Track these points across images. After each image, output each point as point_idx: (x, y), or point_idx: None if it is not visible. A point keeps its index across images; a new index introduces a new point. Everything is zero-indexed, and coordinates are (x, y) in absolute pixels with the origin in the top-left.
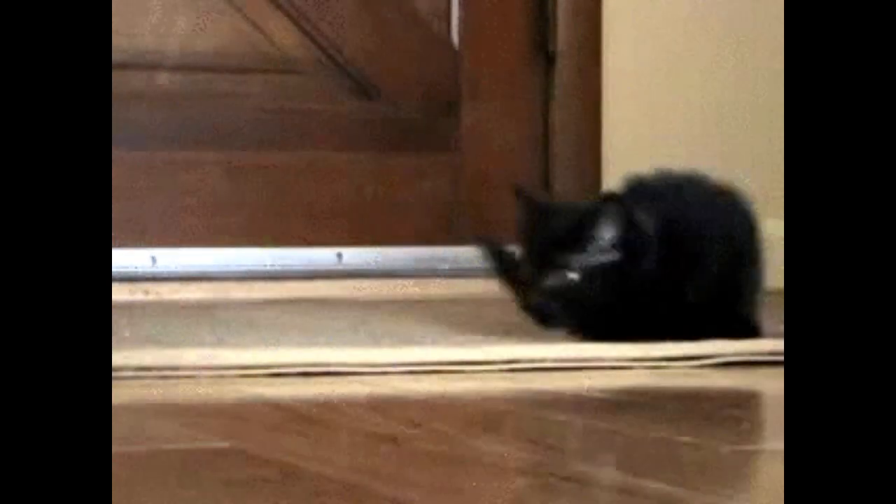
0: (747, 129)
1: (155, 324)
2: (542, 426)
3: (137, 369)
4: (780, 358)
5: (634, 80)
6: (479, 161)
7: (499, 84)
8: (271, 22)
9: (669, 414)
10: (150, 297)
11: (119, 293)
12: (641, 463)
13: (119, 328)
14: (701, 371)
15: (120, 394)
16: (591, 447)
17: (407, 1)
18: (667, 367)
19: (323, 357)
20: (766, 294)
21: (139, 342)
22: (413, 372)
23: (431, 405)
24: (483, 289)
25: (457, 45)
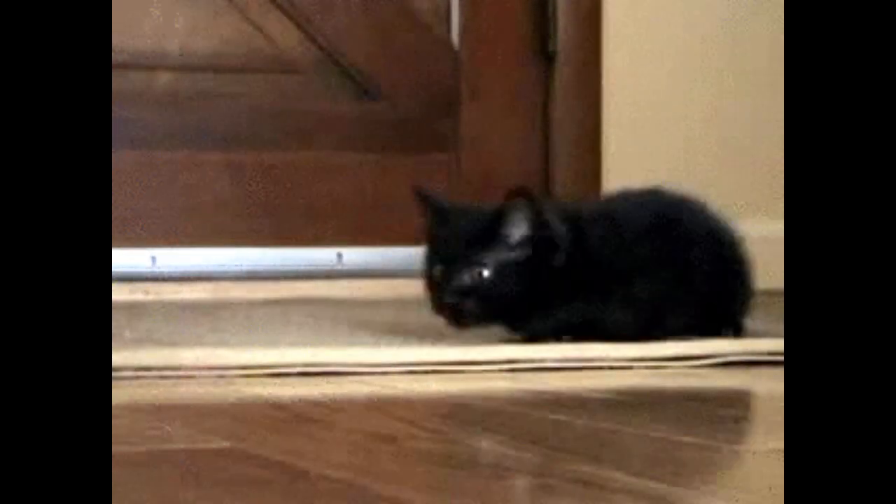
0: (747, 130)
1: (155, 324)
2: (542, 426)
3: (137, 369)
4: (780, 358)
5: (634, 80)
6: (479, 161)
7: (499, 84)
8: (271, 22)
9: (669, 414)
10: (150, 297)
11: (119, 293)
12: (641, 463)
13: (119, 328)
14: (701, 371)
15: (120, 394)
16: (591, 447)
17: (407, 2)
18: (667, 367)
19: (323, 357)
20: (764, 295)
21: (139, 342)
22: (413, 372)
23: (431, 405)
24: None
25: (457, 46)
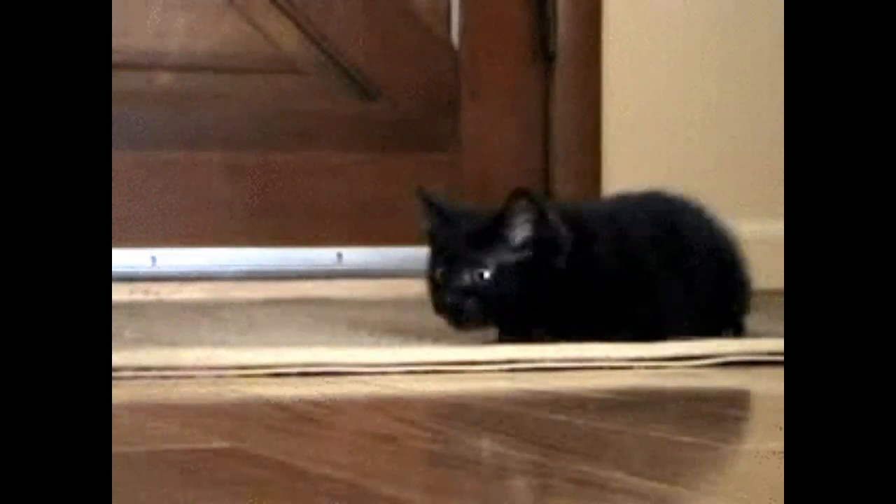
0: (747, 130)
1: (155, 324)
2: (542, 426)
3: (137, 369)
4: (780, 358)
5: (634, 80)
6: (479, 161)
7: (499, 84)
8: (271, 22)
9: (669, 414)
10: (150, 297)
11: (119, 293)
12: (641, 463)
13: (119, 328)
14: (701, 371)
15: (120, 394)
16: (591, 447)
17: (407, 2)
18: (667, 367)
19: (323, 357)
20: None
21: (139, 342)
22: (413, 372)
23: (431, 405)
24: None
25: (457, 45)
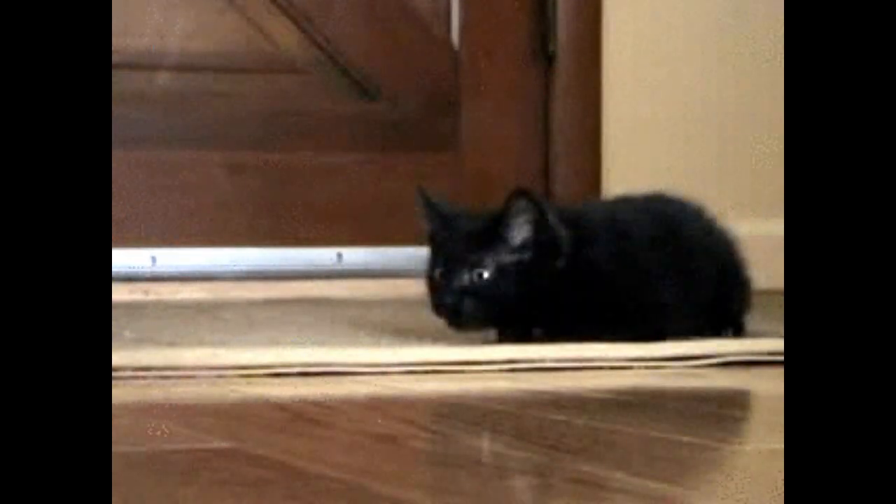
0: (747, 130)
1: (155, 324)
2: (542, 426)
3: (137, 369)
4: (780, 358)
5: (634, 80)
6: (479, 161)
7: (499, 84)
8: (271, 22)
9: (669, 414)
10: (150, 297)
11: (119, 293)
12: (641, 463)
13: (119, 328)
14: (701, 371)
15: (120, 394)
16: (591, 447)
17: (407, 1)
18: (667, 367)
19: (323, 357)
20: (764, 294)
21: (139, 342)
22: (413, 372)
23: (431, 405)
24: None
25: (457, 45)
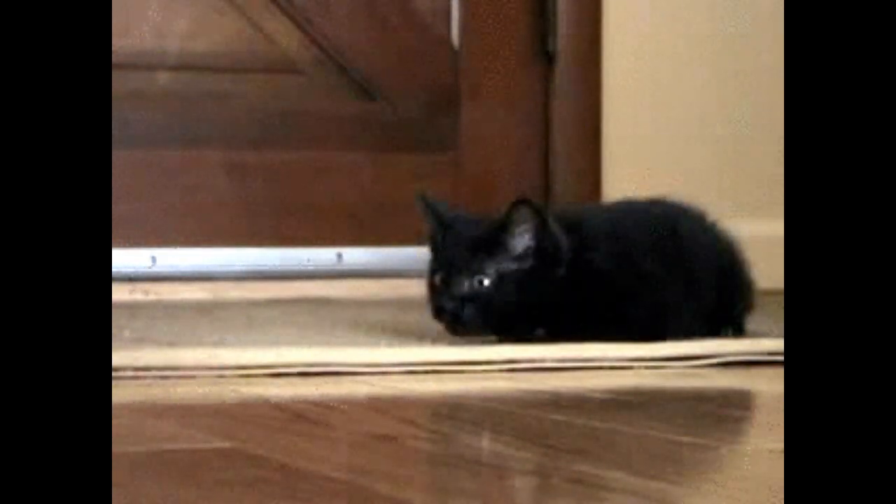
0: (747, 130)
1: (155, 324)
2: (542, 426)
3: (137, 369)
4: (780, 358)
5: (634, 80)
6: (479, 161)
7: (499, 84)
8: (271, 22)
9: (669, 414)
10: (150, 297)
11: (119, 293)
12: (641, 463)
13: (119, 328)
14: (701, 371)
15: (120, 394)
16: (591, 447)
17: (407, 1)
18: (667, 367)
19: (323, 357)
20: (764, 295)
21: (139, 342)
22: (413, 372)
23: (431, 405)
24: None
25: (457, 45)
